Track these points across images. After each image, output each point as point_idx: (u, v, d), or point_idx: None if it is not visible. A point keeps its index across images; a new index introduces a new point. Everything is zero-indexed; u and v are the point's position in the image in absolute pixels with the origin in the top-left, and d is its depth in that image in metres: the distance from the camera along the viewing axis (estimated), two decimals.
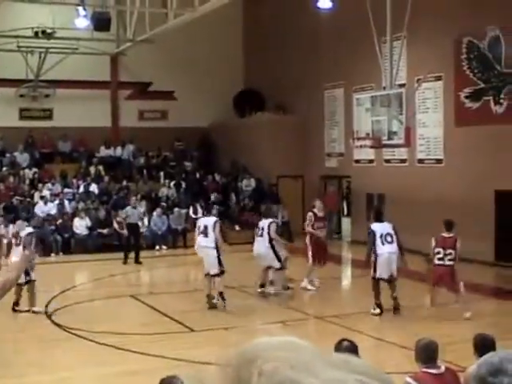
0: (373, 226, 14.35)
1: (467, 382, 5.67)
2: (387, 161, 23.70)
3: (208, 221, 14.94)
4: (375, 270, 14.05)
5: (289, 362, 1.01)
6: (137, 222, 21.99)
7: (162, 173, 28.94)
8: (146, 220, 24.52)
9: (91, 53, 28.06)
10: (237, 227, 26.17)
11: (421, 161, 22.44)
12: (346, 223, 27.14)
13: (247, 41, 31.60)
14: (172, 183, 28.09)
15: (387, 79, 18.55)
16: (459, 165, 20.64)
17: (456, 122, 20.86)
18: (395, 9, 17.87)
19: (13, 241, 16.71)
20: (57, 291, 16.77)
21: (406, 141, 17.74)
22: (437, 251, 13.58)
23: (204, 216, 16.09)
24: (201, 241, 14.78)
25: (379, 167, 24.09)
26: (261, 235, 15.70)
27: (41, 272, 15.58)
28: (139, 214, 22.45)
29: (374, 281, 14.15)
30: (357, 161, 25.27)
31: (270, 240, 15.55)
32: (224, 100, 30.28)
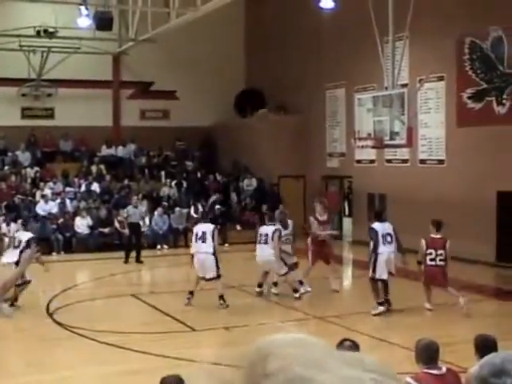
0: (374, 225, 14.36)
1: (469, 383, 5.67)
2: (389, 161, 23.69)
3: (206, 227, 14.97)
4: (374, 271, 14.02)
5: (300, 359, 1.01)
6: (138, 222, 22.00)
7: (164, 172, 28.94)
8: (148, 219, 24.53)
9: (93, 52, 28.07)
10: (238, 227, 26.21)
11: (422, 161, 22.43)
12: (348, 223, 27.13)
13: (249, 41, 31.59)
14: (173, 183, 28.08)
15: (389, 79, 18.53)
16: (461, 165, 20.63)
17: (458, 123, 20.84)
18: (397, 9, 17.85)
19: (6, 240, 16.74)
20: (58, 290, 16.78)
21: (408, 141, 17.72)
22: (429, 252, 13.72)
23: (201, 222, 15.82)
24: (200, 247, 14.73)
25: (381, 167, 24.08)
26: (265, 242, 15.36)
27: (42, 271, 15.58)
28: (140, 214, 22.47)
29: (374, 281, 14.12)
30: (358, 161, 25.26)
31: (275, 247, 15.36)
32: (225, 100, 30.28)
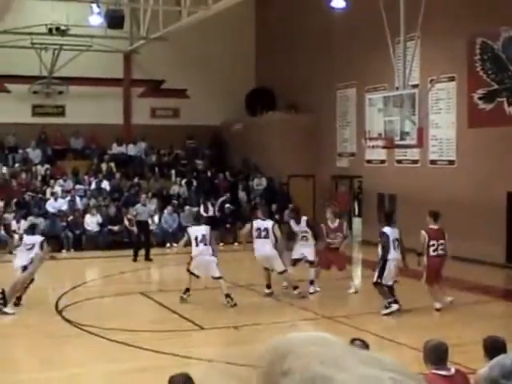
0: (385, 230, 14.24)
1: None
2: (399, 161, 23.64)
3: (204, 230, 15.05)
4: (381, 277, 13.88)
5: (320, 358, 1.01)
6: (146, 220, 22.05)
7: (174, 171, 28.96)
8: (157, 218, 24.57)
9: (104, 50, 28.11)
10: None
11: (433, 162, 22.38)
12: (357, 223, 27.09)
13: (260, 39, 31.58)
14: (183, 181, 28.11)
15: (400, 79, 18.50)
16: (471, 166, 20.57)
17: (469, 123, 20.78)
18: (409, 9, 17.82)
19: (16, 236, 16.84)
20: (67, 287, 16.82)
21: (419, 141, 17.69)
22: (432, 243, 13.86)
23: (196, 225, 15.72)
24: (203, 249, 14.81)
25: (391, 168, 24.04)
26: (265, 237, 15.43)
27: (51, 268, 15.65)
28: (149, 212, 22.52)
29: (379, 285, 14.01)
30: (368, 161, 25.22)
31: (276, 241, 15.43)
32: (236, 99, 30.28)
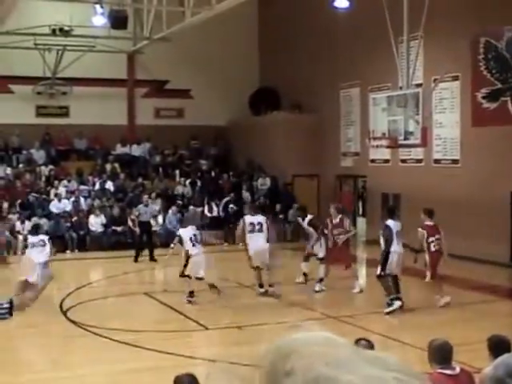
0: (388, 223, 14.30)
1: None
2: (403, 161, 23.62)
3: (194, 231, 15.46)
4: (384, 268, 13.94)
5: (324, 358, 1.00)
6: (149, 220, 22.08)
7: (178, 171, 28.98)
8: (161, 218, 24.57)
9: (108, 51, 28.14)
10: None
11: (437, 161, 22.35)
12: (361, 223, 27.06)
13: (263, 39, 31.57)
14: (187, 181, 28.13)
15: (404, 79, 18.49)
16: (475, 165, 20.54)
17: (473, 123, 20.75)
18: (412, 8, 17.80)
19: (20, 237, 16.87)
20: (72, 288, 16.84)
21: (423, 141, 17.68)
22: (431, 240, 14.12)
23: (184, 226, 16.13)
24: (199, 249, 15.23)
25: (395, 167, 24.01)
26: (259, 230, 15.74)
27: (56, 269, 15.63)
28: (152, 212, 22.54)
29: (383, 278, 14.04)
30: (372, 160, 25.20)
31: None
32: (240, 99, 30.28)
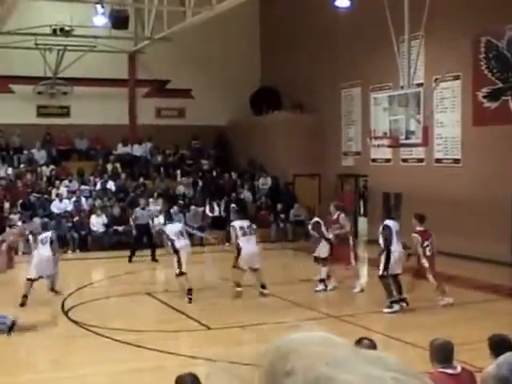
0: (388, 223, 14.33)
1: (484, 383, 5.64)
2: (404, 160, 23.61)
3: (181, 227, 16.30)
4: (386, 268, 13.97)
5: (324, 358, 1.00)
6: (146, 223, 22.14)
7: (179, 171, 28.98)
8: (162, 218, 24.55)
9: (109, 51, 28.13)
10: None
11: (438, 160, 22.34)
12: (363, 222, 27.05)
13: (264, 39, 31.57)
14: (189, 181, 28.10)
15: (405, 78, 18.49)
16: (477, 165, 20.53)
17: (474, 122, 20.75)
18: (413, 8, 17.80)
19: (29, 237, 16.94)
20: (73, 288, 16.84)
21: (424, 140, 17.68)
22: (426, 244, 14.18)
23: (172, 223, 17.17)
24: (186, 243, 15.76)
25: (396, 166, 24.00)
26: (251, 233, 16.03)
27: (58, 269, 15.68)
28: (149, 215, 22.58)
29: (385, 278, 14.05)
30: (374, 160, 25.19)
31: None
32: (241, 98, 30.28)
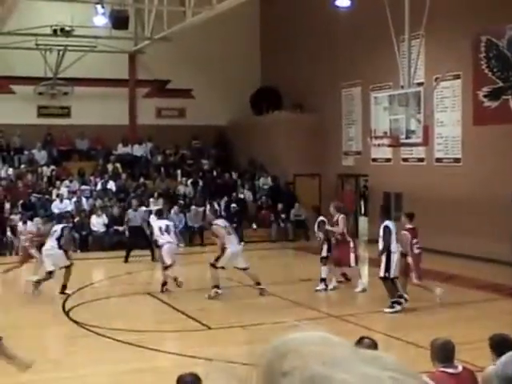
0: (388, 224, 14.30)
1: (485, 382, 5.64)
2: (405, 159, 23.61)
3: (167, 222, 17.27)
4: (388, 270, 13.95)
5: (321, 358, 1.00)
6: (139, 225, 22.16)
7: (180, 171, 28.99)
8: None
9: (109, 51, 28.15)
10: (254, 225, 26.19)
11: (439, 160, 22.34)
12: (363, 222, 27.05)
13: (264, 39, 31.57)
14: (189, 181, 28.14)
15: (405, 78, 18.49)
16: (477, 164, 20.53)
17: (474, 121, 20.74)
18: (413, 7, 17.79)
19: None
20: (74, 288, 16.82)
21: (424, 140, 17.68)
22: (415, 242, 14.30)
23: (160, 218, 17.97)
24: (170, 238, 16.58)
25: (397, 166, 24.00)
26: (233, 232, 16.20)
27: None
28: (142, 217, 22.58)
29: (388, 281, 14.04)
30: (374, 159, 25.19)
31: None
32: (241, 98, 30.28)
